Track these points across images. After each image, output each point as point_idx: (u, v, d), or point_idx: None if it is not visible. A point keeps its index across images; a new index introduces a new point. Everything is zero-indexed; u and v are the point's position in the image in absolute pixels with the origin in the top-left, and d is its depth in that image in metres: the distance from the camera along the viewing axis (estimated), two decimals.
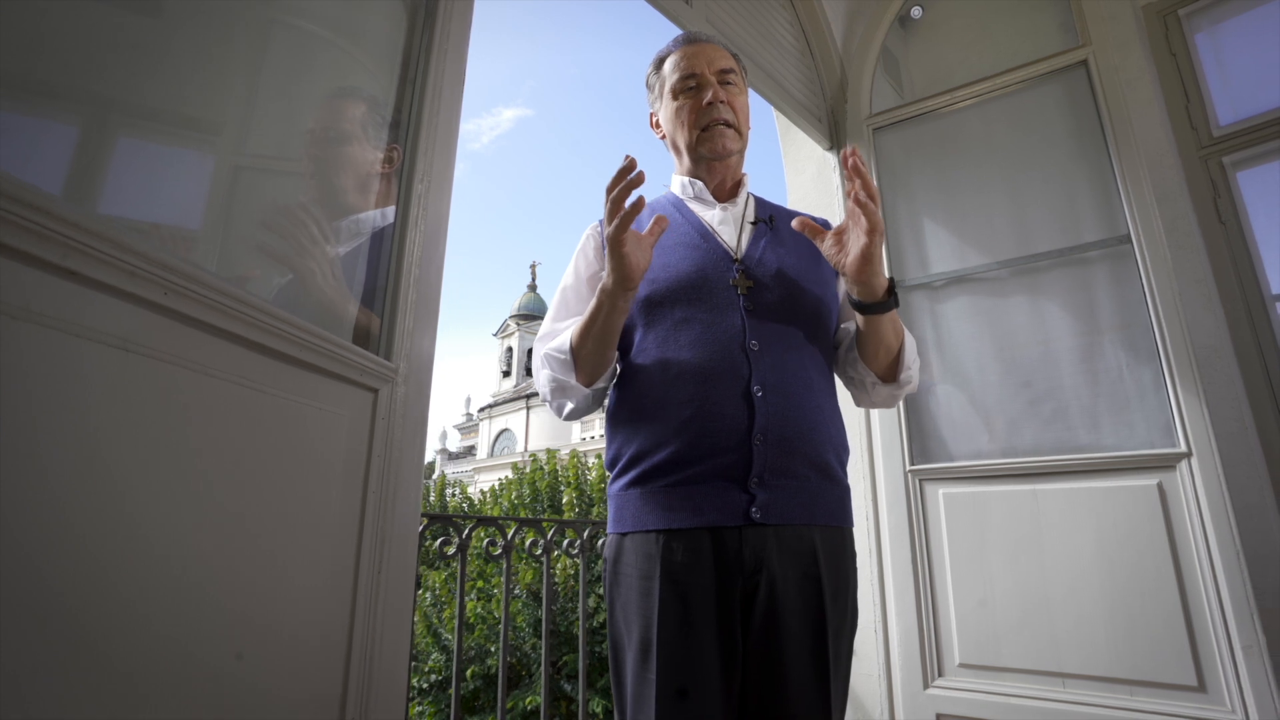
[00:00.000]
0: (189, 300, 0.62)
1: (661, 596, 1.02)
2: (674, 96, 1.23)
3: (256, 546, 0.70)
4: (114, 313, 0.56)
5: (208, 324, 0.65)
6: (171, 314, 0.61)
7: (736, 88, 1.24)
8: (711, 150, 1.20)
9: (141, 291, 0.57)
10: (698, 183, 1.24)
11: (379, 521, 0.90)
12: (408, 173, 1.05)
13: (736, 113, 1.22)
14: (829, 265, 1.22)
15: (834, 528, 1.11)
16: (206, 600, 0.65)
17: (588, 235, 1.29)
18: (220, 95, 0.84)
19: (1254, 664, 1.62)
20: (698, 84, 1.20)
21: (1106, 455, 1.93)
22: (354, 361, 0.88)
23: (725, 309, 1.10)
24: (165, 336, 0.60)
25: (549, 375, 1.14)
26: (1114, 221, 2.11)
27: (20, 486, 0.49)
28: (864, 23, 2.75)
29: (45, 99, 0.61)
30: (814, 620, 1.04)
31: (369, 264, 1.02)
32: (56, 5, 0.61)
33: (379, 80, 1.09)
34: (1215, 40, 2.49)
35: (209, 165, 0.84)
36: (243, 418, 0.69)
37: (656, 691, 1.00)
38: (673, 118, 1.24)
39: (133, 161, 0.71)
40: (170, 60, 0.74)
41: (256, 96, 0.90)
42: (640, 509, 1.09)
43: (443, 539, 1.73)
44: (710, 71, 1.21)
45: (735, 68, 1.25)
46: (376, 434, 0.91)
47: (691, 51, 1.23)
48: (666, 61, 1.25)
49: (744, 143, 1.24)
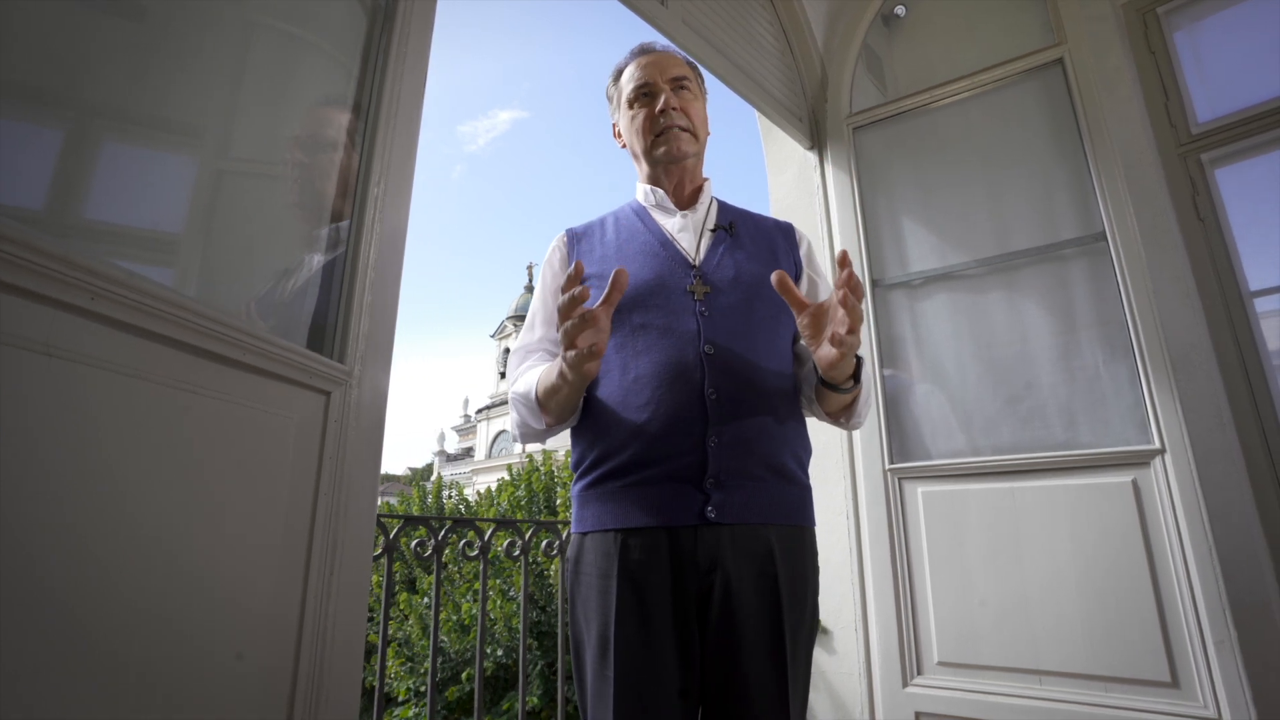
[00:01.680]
0: (118, 305, 0.62)
1: (619, 595, 1.03)
2: (629, 106, 1.26)
3: (191, 550, 0.71)
4: (36, 317, 0.56)
5: (140, 328, 0.65)
6: (99, 319, 0.61)
7: (691, 94, 1.26)
8: (666, 154, 1.22)
9: (65, 296, 0.58)
10: (658, 190, 1.26)
11: (331, 524, 0.90)
12: (364, 176, 1.05)
13: (691, 118, 1.24)
14: (788, 270, 1.24)
15: (792, 527, 1.11)
16: (135, 606, 0.65)
17: (554, 247, 1.29)
18: (197, 99, 0.84)
19: (1226, 659, 1.63)
20: (651, 92, 1.23)
21: (1082, 453, 1.94)
22: (303, 364, 0.88)
23: (681, 314, 1.11)
24: (93, 341, 0.61)
25: (518, 419, 1.17)
26: (1090, 219, 2.12)
27: None
28: (845, 22, 2.75)
29: (27, 103, 0.61)
30: (771, 618, 1.05)
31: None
32: (36, 9, 0.61)
33: (336, 82, 1.09)
34: (1194, 38, 2.49)
35: (190, 168, 0.85)
36: (178, 421, 0.69)
37: (614, 688, 1.00)
38: (629, 126, 1.27)
39: (114, 165, 0.72)
40: (148, 64, 0.74)
41: (226, 99, 0.91)
42: (599, 509, 1.10)
43: (419, 541, 1.73)
44: (664, 80, 1.23)
45: (690, 75, 1.27)
46: (329, 436, 0.92)
47: (646, 62, 1.26)
48: (623, 73, 1.29)
49: (700, 146, 1.26)
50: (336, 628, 0.89)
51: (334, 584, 0.89)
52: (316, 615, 0.86)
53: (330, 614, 0.88)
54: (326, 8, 1.10)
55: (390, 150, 1.08)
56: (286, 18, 1.03)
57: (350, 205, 1.03)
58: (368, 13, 1.14)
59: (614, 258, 1.20)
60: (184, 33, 0.83)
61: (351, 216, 1.03)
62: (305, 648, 0.84)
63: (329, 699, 0.86)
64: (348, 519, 0.93)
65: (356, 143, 1.08)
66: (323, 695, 0.85)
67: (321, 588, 0.87)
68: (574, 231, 1.28)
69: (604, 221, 1.28)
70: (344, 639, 0.89)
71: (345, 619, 0.90)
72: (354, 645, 0.92)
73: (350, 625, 0.91)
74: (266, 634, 0.80)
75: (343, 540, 0.91)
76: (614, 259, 1.20)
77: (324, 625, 0.87)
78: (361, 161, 1.06)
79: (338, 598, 0.89)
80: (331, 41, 1.12)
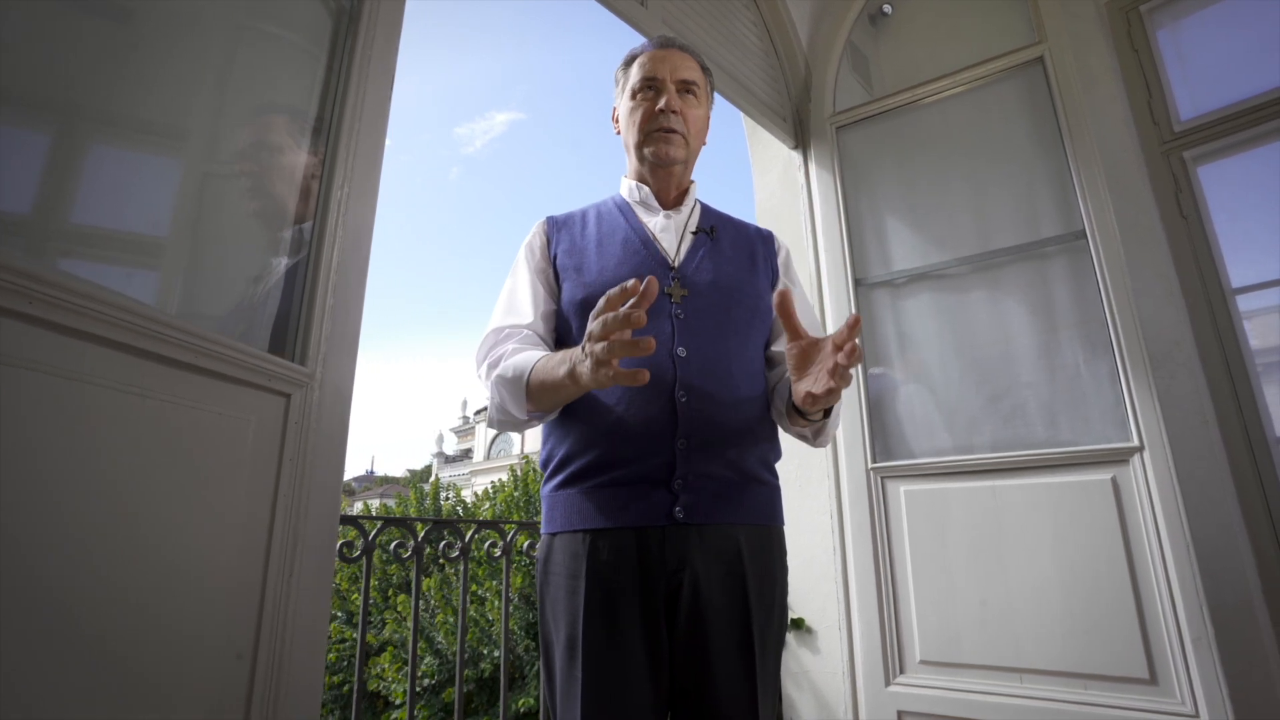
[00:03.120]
0: (56, 309, 0.62)
1: (587, 595, 1.03)
2: (632, 97, 1.24)
3: (142, 553, 0.71)
4: None
5: (85, 332, 0.65)
6: (41, 323, 0.62)
7: (695, 99, 1.24)
8: (654, 154, 1.21)
9: (2, 301, 0.58)
10: (644, 188, 1.25)
11: (291, 523, 0.91)
12: (327, 177, 1.05)
13: (688, 124, 1.22)
14: (765, 277, 1.24)
15: (760, 526, 1.11)
16: (82, 603, 0.65)
17: (535, 233, 1.28)
18: (159, 99, 0.84)
19: (1203, 656, 1.63)
20: (655, 89, 1.21)
21: (1063, 450, 1.94)
22: (260, 367, 0.88)
23: (656, 316, 1.11)
24: (34, 346, 0.61)
25: (499, 403, 1.09)
26: (1070, 217, 2.12)
27: None
28: (829, 21, 2.76)
29: (11, 106, 0.61)
30: (739, 617, 1.05)
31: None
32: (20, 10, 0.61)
33: (299, 85, 1.10)
34: (1176, 36, 2.50)
35: (167, 171, 0.85)
36: (121, 424, 0.70)
37: (582, 689, 1.01)
38: (626, 117, 1.25)
39: (100, 167, 0.72)
40: (120, 65, 0.75)
41: (189, 100, 0.91)
42: (568, 509, 1.10)
43: (397, 542, 1.73)
44: (672, 79, 1.21)
45: (700, 80, 1.25)
46: (289, 437, 0.92)
47: (660, 55, 1.24)
48: (635, 61, 1.26)
49: (691, 153, 1.25)
50: (296, 626, 0.89)
51: (293, 584, 0.89)
52: (275, 613, 0.87)
53: (290, 613, 0.88)
54: (290, 10, 1.10)
55: (354, 152, 1.09)
56: (249, 19, 1.04)
57: (313, 208, 1.04)
58: (332, 15, 1.14)
59: (594, 252, 1.20)
60: (153, 35, 0.83)
61: (314, 219, 1.04)
62: (263, 646, 0.84)
63: (288, 694, 0.86)
64: (309, 518, 0.93)
65: (319, 145, 1.08)
66: (282, 690, 0.85)
67: (281, 586, 0.88)
68: (555, 219, 1.26)
69: (585, 214, 1.27)
70: (304, 637, 0.90)
71: (306, 617, 0.91)
72: (315, 643, 0.92)
73: (311, 624, 0.92)
74: (222, 633, 0.80)
75: (303, 539, 0.92)
76: (594, 253, 1.19)
77: (283, 624, 0.87)
78: (325, 164, 1.07)
79: (298, 597, 0.90)
80: (296, 44, 1.12)
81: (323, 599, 0.95)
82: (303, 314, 0.99)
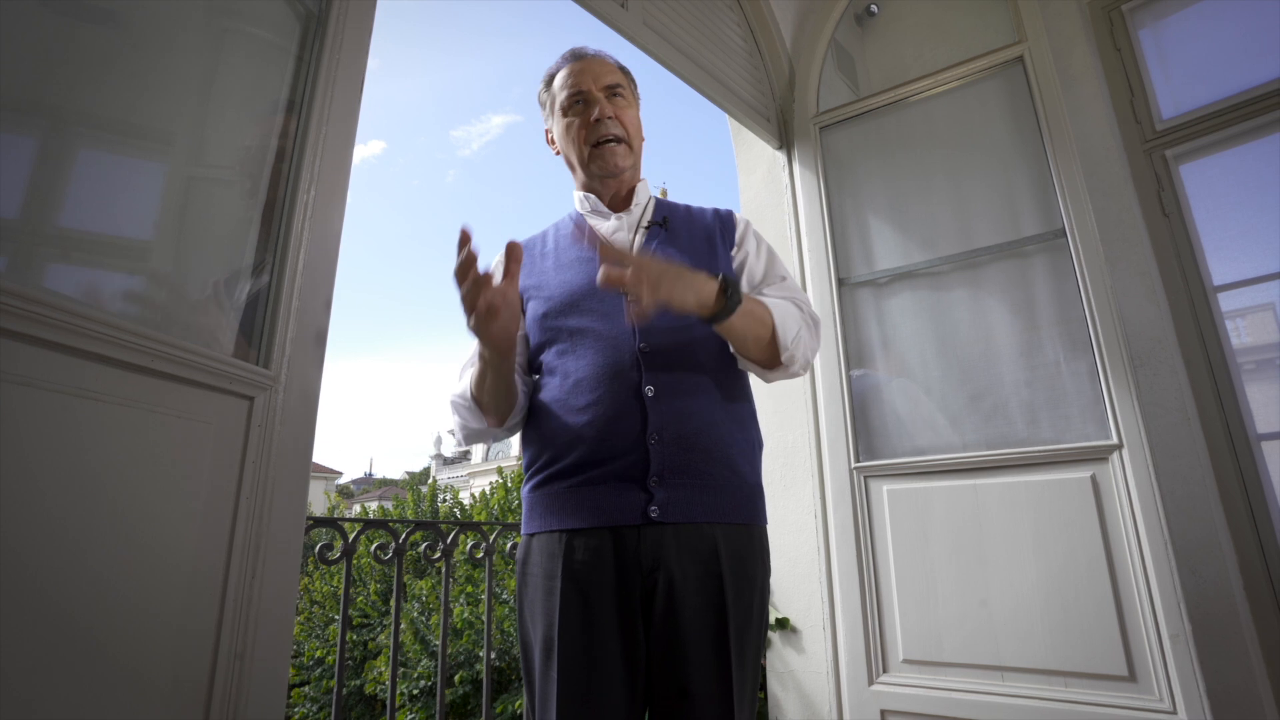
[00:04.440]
0: (5, 315, 0.63)
1: (563, 595, 1.04)
2: (564, 114, 1.25)
3: (95, 555, 0.71)
4: None
5: (30, 336, 0.66)
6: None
7: (625, 100, 1.26)
8: (603, 168, 1.23)
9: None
10: (592, 197, 1.27)
11: (253, 528, 0.91)
12: (293, 182, 1.06)
13: (626, 126, 1.24)
14: (724, 259, 1.24)
15: (739, 525, 1.11)
16: (33, 611, 0.65)
17: (496, 260, 1.30)
18: (141, 102, 0.85)
19: (1180, 652, 1.63)
20: (585, 100, 1.23)
21: (1043, 449, 1.94)
22: (220, 370, 0.89)
23: (616, 316, 1.12)
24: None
25: (459, 421, 1.19)
26: (1050, 216, 2.13)
27: None
28: (814, 21, 2.77)
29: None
30: (715, 617, 1.05)
31: None
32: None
33: (267, 87, 1.10)
34: (1158, 35, 2.51)
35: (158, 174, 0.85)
36: (71, 428, 0.70)
37: (558, 689, 1.01)
38: (564, 135, 1.27)
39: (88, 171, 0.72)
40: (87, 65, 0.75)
41: (166, 103, 0.91)
42: (545, 510, 1.11)
43: (379, 544, 1.73)
44: (597, 88, 1.23)
45: (623, 82, 1.27)
46: (251, 440, 0.92)
47: (578, 68, 1.25)
48: (555, 79, 1.28)
49: (635, 156, 1.27)
50: (259, 629, 0.89)
51: (256, 587, 0.90)
52: (236, 616, 0.87)
53: (252, 615, 0.89)
54: (257, 12, 1.11)
55: (321, 156, 1.09)
56: (212, 20, 1.04)
57: (279, 212, 1.04)
58: (300, 18, 1.15)
59: (552, 269, 1.22)
60: (132, 37, 0.84)
61: (279, 223, 1.04)
62: (223, 652, 0.84)
63: (251, 693, 0.86)
64: (273, 520, 0.93)
65: (285, 148, 1.09)
66: (243, 696, 0.85)
67: (242, 591, 0.88)
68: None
69: (545, 234, 1.30)
70: (267, 639, 0.90)
71: (269, 619, 0.91)
72: (279, 645, 0.92)
73: (275, 626, 0.92)
74: (179, 639, 0.80)
75: (267, 541, 0.92)
76: (552, 270, 1.21)
77: (245, 627, 0.87)
78: (290, 167, 1.07)
79: (261, 599, 0.90)
80: (263, 46, 1.12)
81: (288, 600, 0.95)
82: (267, 317, 0.99)
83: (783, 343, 1.11)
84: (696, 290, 0.99)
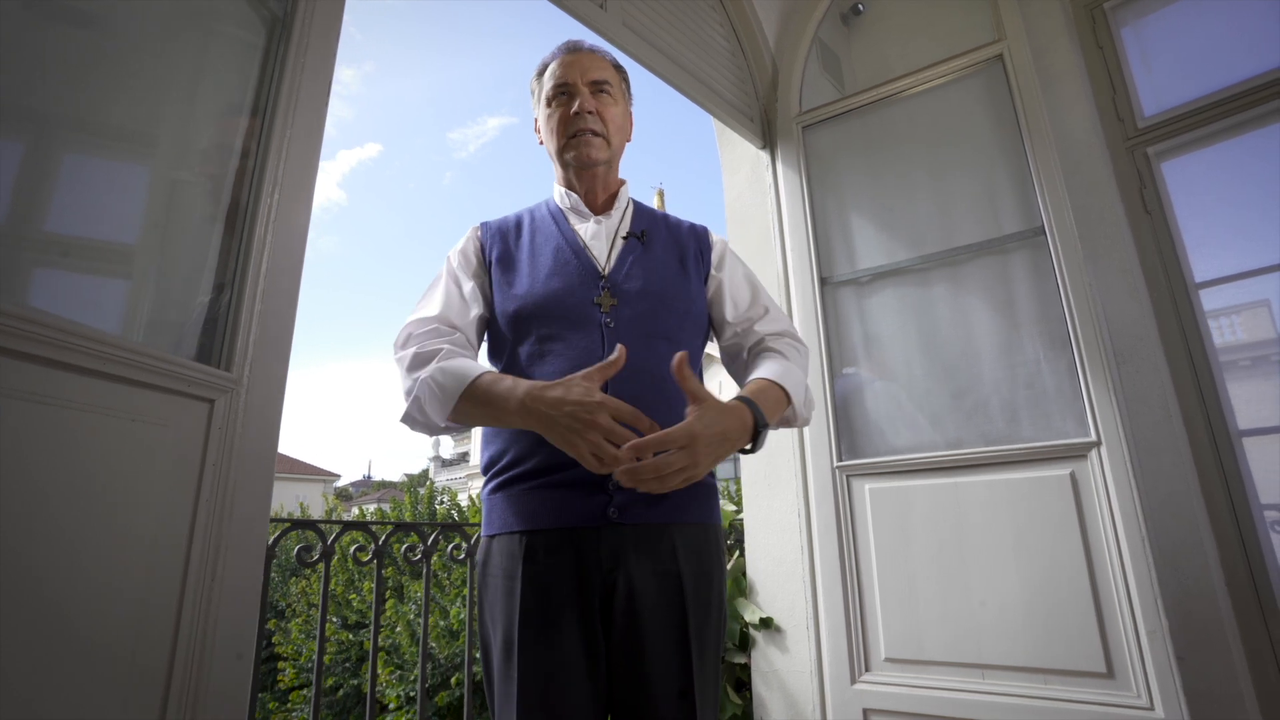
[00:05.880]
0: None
1: (522, 596, 1.04)
2: (547, 104, 1.25)
3: (39, 560, 0.71)
4: None
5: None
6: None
7: (610, 98, 1.25)
8: (576, 158, 1.22)
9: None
10: (573, 194, 1.27)
11: (213, 530, 0.91)
12: (256, 185, 1.06)
13: (606, 123, 1.23)
14: (697, 277, 1.25)
15: (695, 525, 1.12)
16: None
17: (469, 238, 1.28)
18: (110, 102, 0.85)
19: (1157, 649, 1.63)
20: (569, 92, 1.23)
21: (1023, 446, 1.95)
22: (179, 373, 0.89)
23: (587, 327, 1.12)
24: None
25: (418, 404, 1.04)
26: (1030, 214, 2.13)
27: None
28: (797, 20, 2.77)
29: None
30: (675, 616, 1.05)
31: None
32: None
33: (232, 89, 1.10)
34: (1140, 33, 2.52)
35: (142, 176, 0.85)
36: (26, 433, 0.70)
37: (518, 690, 1.01)
38: (544, 125, 1.27)
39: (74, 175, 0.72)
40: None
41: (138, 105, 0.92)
42: (505, 511, 1.11)
43: (358, 546, 1.74)
44: (583, 81, 1.23)
45: (612, 78, 1.27)
46: (211, 443, 0.93)
47: (569, 60, 1.25)
48: (546, 69, 1.28)
49: (613, 152, 1.26)
50: (219, 631, 0.89)
51: (215, 588, 0.90)
52: (195, 617, 0.87)
53: (212, 616, 0.89)
54: (219, 13, 1.11)
55: (285, 160, 1.09)
56: (178, 23, 1.04)
57: (242, 215, 1.05)
58: (265, 22, 1.15)
59: (526, 262, 1.21)
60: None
61: (243, 226, 1.04)
62: (181, 649, 0.85)
63: (209, 697, 0.86)
64: (234, 522, 0.94)
65: (250, 150, 1.09)
66: (201, 700, 0.85)
67: (201, 592, 0.88)
68: (489, 226, 1.27)
69: (520, 219, 1.28)
70: (228, 642, 0.90)
71: (229, 621, 0.91)
72: (242, 647, 0.92)
73: (237, 628, 0.92)
74: (135, 638, 0.81)
75: (227, 543, 0.92)
76: (526, 263, 1.21)
77: (204, 629, 0.88)
78: (255, 170, 1.07)
79: (221, 600, 0.90)
80: (228, 50, 1.13)
81: (251, 600, 0.95)
82: (229, 321, 0.99)
83: (800, 415, 1.16)
84: (734, 443, 1.00)
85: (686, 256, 1.25)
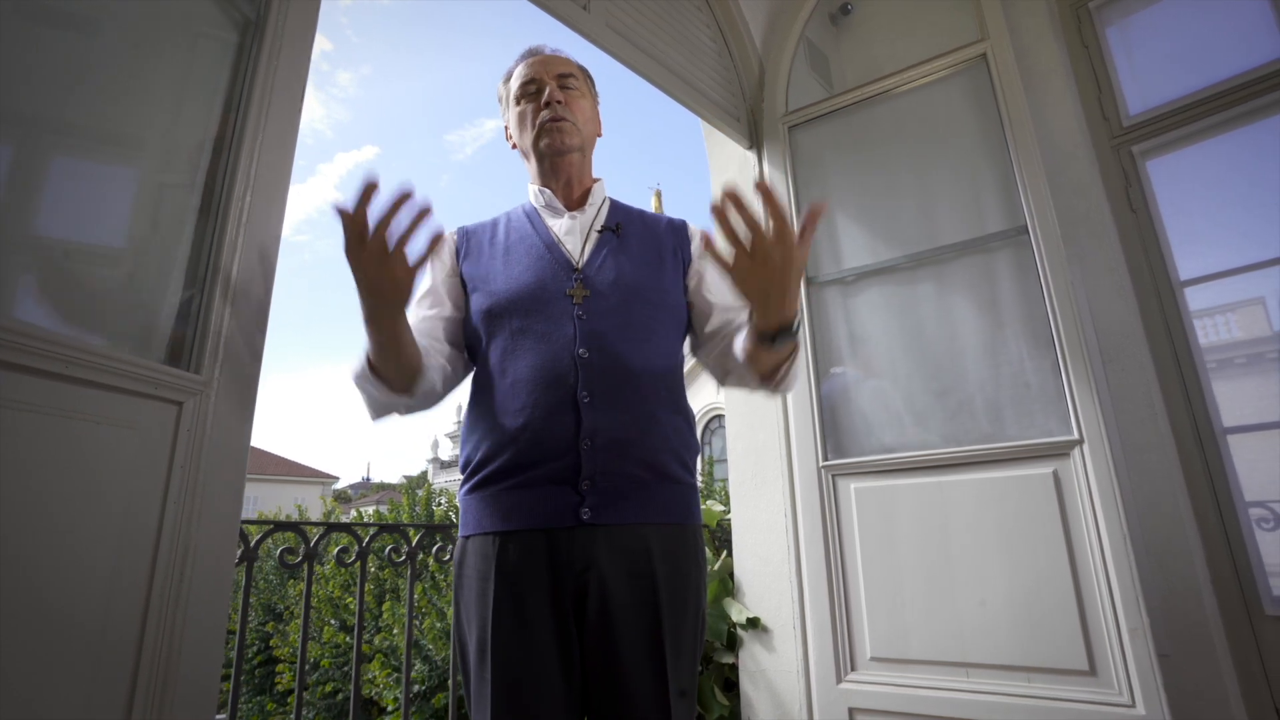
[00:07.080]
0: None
1: (496, 596, 1.04)
2: (516, 102, 1.27)
3: (3, 559, 0.72)
4: None
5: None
6: None
7: (577, 91, 1.27)
8: (549, 146, 1.23)
9: None
10: (547, 191, 1.27)
11: (181, 531, 0.91)
12: (227, 188, 1.06)
13: (575, 111, 1.25)
14: (675, 271, 1.25)
15: (671, 525, 1.12)
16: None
17: (445, 241, 1.29)
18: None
19: (1139, 646, 1.64)
20: (537, 88, 1.25)
21: (1006, 445, 1.95)
22: (145, 375, 0.89)
23: (559, 319, 1.12)
24: None
25: (369, 399, 1.10)
26: (1014, 213, 2.14)
27: None
28: (784, 20, 2.77)
29: None
30: (649, 617, 1.05)
31: None
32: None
33: (203, 90, 1.10)
34: (1125, 32, 2.52)
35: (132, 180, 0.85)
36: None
37: (491, 690, 1.01)
38: (516, 122, 1.28)
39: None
40: None
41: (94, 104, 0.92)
42: (479, 512, 1.11)
43: (341, 548, 1.74)
44: (549, 76, 1.25)
45: (576, 73, 1.29)
46: (179, 446, 0.93)
47: (533, 61, 1.28)
48: (513, 75, 1.30)
49: (585, 140, 1.27)
50: (186, 636, 0.89)
51: (184, 592, 0.90)
52: (161, 622, 0.87)
53: (178, 619, 0.89)
54: (190, 14, 1.11)
55: (257, 162, 1.09)
56: (148, 25, 1.05)
57: (213, 217, 1.05)
58: (237, 25, 1.15)
59: (500, 261, 1.21)
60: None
61: (213, 228, 1.04)
62: (145, 659, 0.85)
63: (176, 698, 0.86)
64: (202, 525, 0.94)
65: (221, 152, 1.09)
66: (168, 695, 0.85)
67: (169, 596, 0.88)
68: (465, 230, 1.29)
69: (496, 222, 1.29)
70: (195, 643, 0.90)
71: (197, 624, 0.91)
72: (209, 650, 0.92)
73: (206, 632, 0.92)
74: (100, 640, 0.81)
75: (196, 546, 0.92)
76: (500, 262, 1.21)
77: (170, 634, 0.88)
78: (226, 171, 1.08)
79: (189, 603, 0.90)
80: (202, 54, 1.13)
81: (220, 603, 0.95)
82: (198, 322, 1.00)
83: (795, 372, 1.15)
84: (792, 301, 0.99)
85: (664, 250, 1.25)
